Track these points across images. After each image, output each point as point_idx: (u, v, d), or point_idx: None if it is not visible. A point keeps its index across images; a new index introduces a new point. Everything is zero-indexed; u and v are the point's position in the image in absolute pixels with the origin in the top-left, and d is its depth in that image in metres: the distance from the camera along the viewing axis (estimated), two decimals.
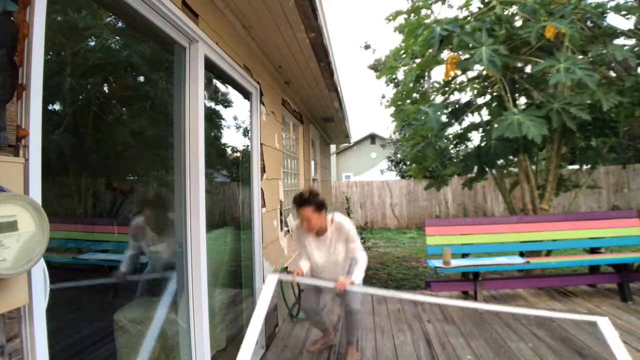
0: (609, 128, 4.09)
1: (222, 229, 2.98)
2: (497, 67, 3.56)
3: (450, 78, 4.69)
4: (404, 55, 4.91)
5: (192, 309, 1.80)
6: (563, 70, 3.34)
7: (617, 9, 3.74)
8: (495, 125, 3.73)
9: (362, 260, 2.45)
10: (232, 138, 3.28)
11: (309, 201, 2.34)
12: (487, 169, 4.62)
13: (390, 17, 4.68)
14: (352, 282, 2.26)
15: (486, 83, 5.01)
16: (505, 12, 4.15)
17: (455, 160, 6.26)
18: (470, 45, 3.70)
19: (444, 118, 4.54)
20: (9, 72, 0.88)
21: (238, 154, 3.37)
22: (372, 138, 23.96)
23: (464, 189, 5.56)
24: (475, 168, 4.55)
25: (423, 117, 4.12)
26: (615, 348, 1.78)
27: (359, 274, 2.37)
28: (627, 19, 4.02)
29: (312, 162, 6.17)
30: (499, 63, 3.55)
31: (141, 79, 2.38)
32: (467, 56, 3.75)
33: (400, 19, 4.68)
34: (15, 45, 0.89)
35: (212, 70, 2.17)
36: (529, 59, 4.00)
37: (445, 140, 5.24)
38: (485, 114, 5.19)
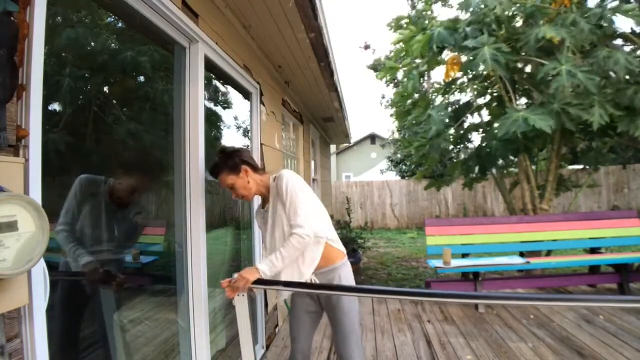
0: (612, 128, 4.10)
1: (222, 229, 2.98)
2: (502, 65, 3.55)
3: (450, 79, 4.69)
4: (404, 57, 4.91)
5: (192, 309, 1.80)
6: (565, 72, 3.33)
7: (616, 11, 3.73)
8: (496, 125, 3.73)
9: (293, 238, 1.50)
10: (232, 138, 3.28)
11: (218, 166, 1.68)
12: (487, 170, 4.61)
13: (392, 24, 4.68)
14: (249, 279, 1.45)
15: (486, 83, 5.01)
16: (506, 12, 4.14)
17: (455, 161, 6.25)
18: (472, 46, 3.70)
19: (446, 118, 4.54)
20: (9, 72, 0.88)
21: None
22: (372, 138, 23.95)
23: (464, 189, 5.56)
24: (476, 168, 4.55)
25: (427, 118, 4.13)
26: None
27: (272, 260, 1.50)
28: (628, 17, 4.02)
29: (312, 162, 6.17)
30: (502, 61, 3.55)
31: (141, 78, 2.38)
32: (470, 58, 3.73)
33: (402, 24, 4.67)
34: (15, 45, 0.89)
35: (212, 70, 2.17)
36: (529, 59, 4.00)
37: (446, 140, 5.24)
38: (485, 115, 5.20)
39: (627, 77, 3.72)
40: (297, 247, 1.51)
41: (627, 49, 4.08)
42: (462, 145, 5.62)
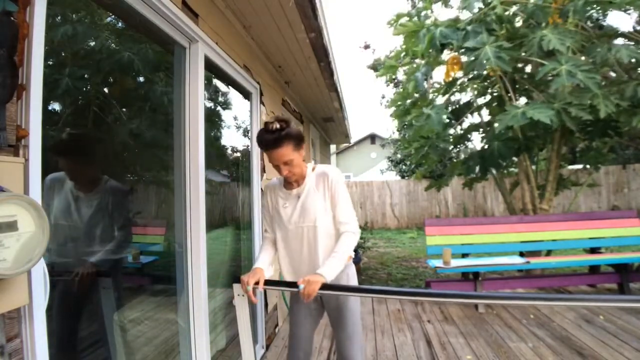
0: (611, 128, 4.10)
1: (222, 229, 2.98)
2: (506, 62, 3.54)
3: (450, 79, 4.68)
4: (404, 57, 4.90)
5: (192, 309, 1.80)
6: (565, 72, 3.33)
7: (619, 4, 3.71)
8: (498, 119, 3.71)
9: (347, 237, 1.51)
10: (232, 138, 3.28)
11: (287, 135, 1.45)
12: (489, 170, 4.61)
13: (392, 22, 4.67)
14: (319, 282, 1.36)
15: (486, 83, 5.00)
16: (506, 12, 4.14)
17: (455, 161, 6.26)
18: (472, 46, 3.70)
19: (445, 119, 4.53)
20: (9, 72, 0.88)
21: (238, 154, 3.37)
22: (372, 138, 23.97)
23: (464, 189, 5.56)
24: (477, 169, 4.55)
25: (425, 118, 4.12)
26: None
27: (333, 264, 1.44)
28: (629, 14, 4.03)
29: (312, 162, 6.16)
30: (506, 58, 3.54)
31: (141, 79, 2.38)
32: (472, 58, 3.72)
33: (402, 21, 4.66)
34: (15, 45, 0.89)
35: (212, 70, 2.17)
36: (530, 59, 4.00)
37: (445, 141, 5.25)
38: (485, 115, 5.20)
39: (627, 75, 3.72)
40: (352, 245, 1.53)
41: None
42: (462, 145, 5.62)
